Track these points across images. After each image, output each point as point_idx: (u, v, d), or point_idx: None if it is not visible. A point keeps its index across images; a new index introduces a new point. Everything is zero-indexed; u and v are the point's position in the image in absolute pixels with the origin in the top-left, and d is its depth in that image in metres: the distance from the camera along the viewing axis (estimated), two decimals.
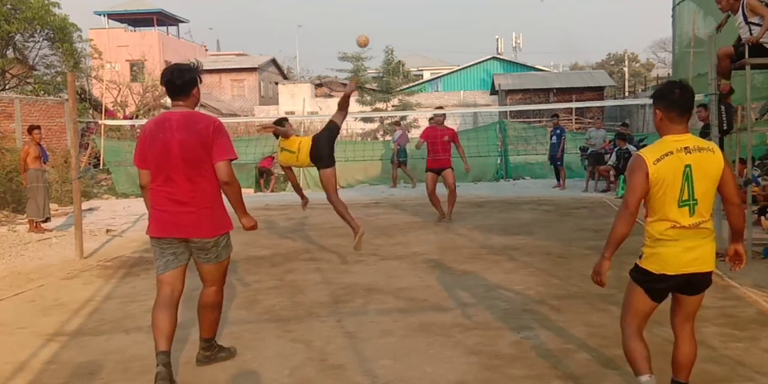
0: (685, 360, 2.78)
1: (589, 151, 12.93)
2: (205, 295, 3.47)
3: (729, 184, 2.68)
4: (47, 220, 9.09)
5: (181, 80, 3.24)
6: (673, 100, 2.64)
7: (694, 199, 2.62)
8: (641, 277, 2.74)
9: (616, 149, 11.88)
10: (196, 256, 3.38)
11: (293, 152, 6.27)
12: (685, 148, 2.60)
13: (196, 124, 3.23)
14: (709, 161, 2.61)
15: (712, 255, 2.68)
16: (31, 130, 9.15)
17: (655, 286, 2.70)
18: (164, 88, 3.28)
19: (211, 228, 3.31)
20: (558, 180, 13.18)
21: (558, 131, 13.04)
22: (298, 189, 6.82)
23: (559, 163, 13.05)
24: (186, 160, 3.20)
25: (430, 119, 9.26)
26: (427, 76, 39.91)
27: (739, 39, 5.83)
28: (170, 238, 3.27)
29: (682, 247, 2.65)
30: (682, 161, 2.59)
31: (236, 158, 3.33)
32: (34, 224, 8.87)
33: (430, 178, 8.62)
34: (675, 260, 2.65)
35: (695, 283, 2.72)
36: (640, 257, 2.76)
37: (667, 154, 2.60)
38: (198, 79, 3.33)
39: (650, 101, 2.79)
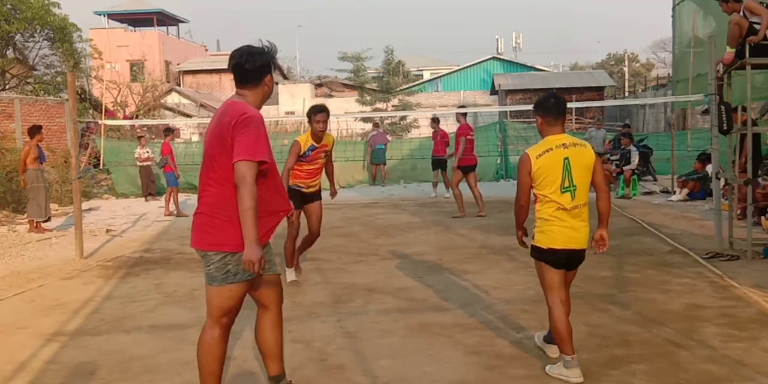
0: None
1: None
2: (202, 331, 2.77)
3: (599, 174, 3.26)
4: (48, 219, 9.10)
5: (252, 65, 2.67)
6: (548, 108, 3.28)
7: (574, 185, 3.18)
8: (538, 253, 3.29)
9: (621, 148, 11.89)
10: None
11: None
12: (563, 144, 3.20)
13: (226, 116, 2.65)
14: (583, 154, 3.20)
15: (586, 236, 3.27)
16: (34, 130, 9.12)
17: (551, 258, 3.24)
18: (232, 74, 2.73)
19: (201, 238, 2.68)
20: None
21: None
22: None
23: None
24: (207, 156, 2.72)
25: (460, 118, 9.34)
26: (427, 76, 39.91)
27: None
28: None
29: (564, 226, 3.21)
30: (561, 155, 3.17)
31: (258, 160, 2.55)
32: (35, 224, 8.87)
33: (460, 175, 8.96)
34: (560, 236, 3.21)
35: (573, 259, 3.28)
36: (533, 238, 3.30)
37: (547, 151, 3.19)
38: (272, 66, 2.74)
39: (651, 101, 3.03)
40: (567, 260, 3.24)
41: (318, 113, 5.02)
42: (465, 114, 9.27)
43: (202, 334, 2.75)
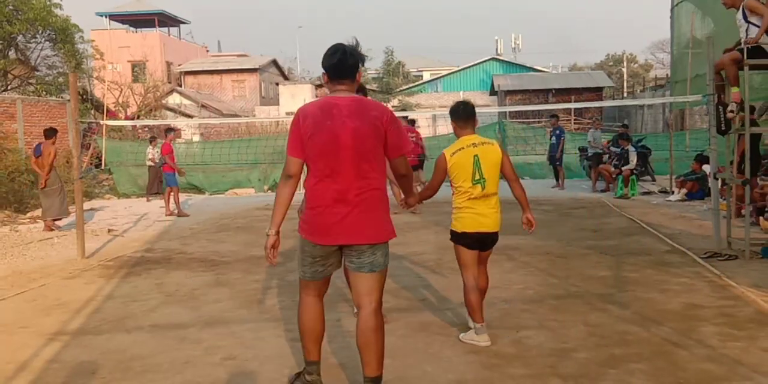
0: (482, 288, 3.97)
1: (591, 152, 12.94)
2: (363, 317, 2.91)
3: (507, 167, 3.78)
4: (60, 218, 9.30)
5: (353, 60, 2.82)
6: (458, 113, 3.80)
7: (483, 178, 3.69)
8: (454, 237, 3.81)
9: (619, 149, 11.91)
10: (349, 263, 2.91)
11: None
12: (473, 144, 3.72)
13: (369, 111, 2.81)
14: (490, 151, 3.73)
15: (496, 221, 3.78)
16: (52, 132, 9.33)
17: (464, 241, 3.77)
18: (325, 71, 2.87)
19: (381, 231, 2.87)
20: (557, 180, 13.20)
21: (557, 132, 13.06)
22: None
23: (558, 163, 13.07)
24: (360, 152, 2.76)
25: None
26: (426, 76, 39.95)
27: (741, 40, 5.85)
28: (333, 245, 2.85)
29: (475, 212, 3.73)
30: (472, 153, 3.69)
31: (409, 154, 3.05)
32: (52, 222, 8.98)
33: None
34: (472, 222, 3.73)
35: (485, 241, 3.83)
36: (451, 223, 3.80)
37: (460, 149, 3.71)
38: (362, 62, 2.93)
39: (649, 102, 3.18)
40: (479, 242, 3.79)
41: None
42: (406, 117, 10.18)
43: (372, 319, 2.91)
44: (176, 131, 15.63)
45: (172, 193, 10.55)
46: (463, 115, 3.79)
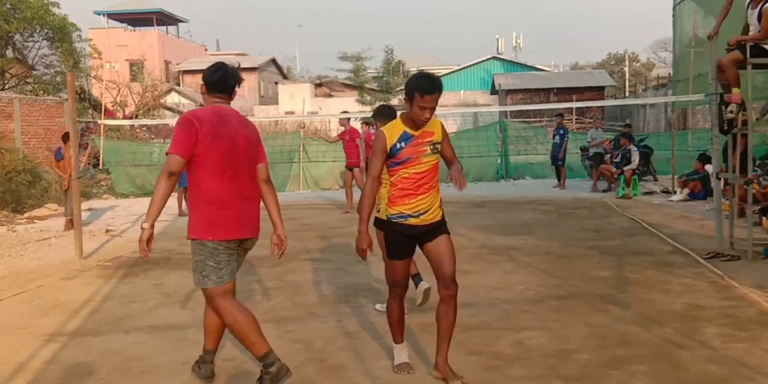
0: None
1: (592, 152, 12.91)
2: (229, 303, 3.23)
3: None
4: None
5: (234, 81, 3.23)
6: (385, 114, 4.26)
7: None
8: (380, 224, 3.62)
9: (621, 148, 11.89)
10: (239, 258, 3.24)
11: None
12: None
13: (249, 123, 3.29)
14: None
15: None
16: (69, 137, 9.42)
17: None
18: (206, 83, 3.23)
19: (257, 226, 3.23)
20: (558, 180, 13.17)
21: (561, 131, 13.03)
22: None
23: (560, 163, 13.05)
24: (249, 157, 3.16)
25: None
26: None
27: (746, 29, 5.82)
28: (241, 239, 3.14)
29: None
30: None
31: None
32: (71, 221, 8.96)
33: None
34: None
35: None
36: (378, 211, 3.61)
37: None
38: (238, 85, 3.35)
39: (651, 101, 3.17)
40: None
41: (429, 94, 3.04)
42: (349, 119, 10.48)
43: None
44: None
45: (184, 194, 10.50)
46: (389, 114, 4.24)
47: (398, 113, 4.01)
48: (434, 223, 3.28)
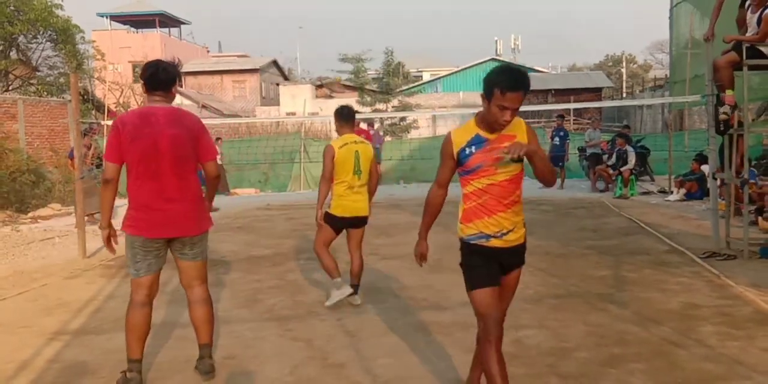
0: (356, 269, 4.72)
1: (589, 152, 12.93)
2: (197, 294, 3.36)
3: (373, 162, 4.64)
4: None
5: (166, 76, 3.17)
6: (342, 115, 4.60)
7: (360, 170, 4.53)
8: (330, 219, 4.59)
9: (616, 149, 11.92)
10: (180, 255, 3.29)
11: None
12: (354, 141, 4.56)
13: (184, 119, 3.21)
14: (367, 149, 4.59)
15: (365, 205, 4.61)
16: (86, 133, 10.67)
17: (336, 224, 4.61)
18: (143, 81, 3.21)
19: (199, 223, 3.26)
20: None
21: (561, 133, 13.04)
22: None
23: (561, 164, 13.09)
24: (177, 156, 3.13)
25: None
26: (426, 77, 39.93)
27: (743, 28, 5.87)
28: (160, 238, 3.19)
29: (352, 200, 4.55)
30: (353, 149, 4.52)
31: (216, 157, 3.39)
32: (93, 216, 9.58)
33: None
34: (349, 207, 4.55)
35: (358, 222, 4.65)
36: (329, 207, 4.56)
37: (346, 144, 4.52)
38: (179, 77, 3.32)
39: (649, 102, 3.14)
40: (353, 222, 4.61)
41: (513, 91, 2.54)
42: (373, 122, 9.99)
43: (207, 292, 3.41)
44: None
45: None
46: (345, 117, 4.59)
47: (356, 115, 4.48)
48: (518, 245, 2.84)
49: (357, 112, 4.94)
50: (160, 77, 3.16)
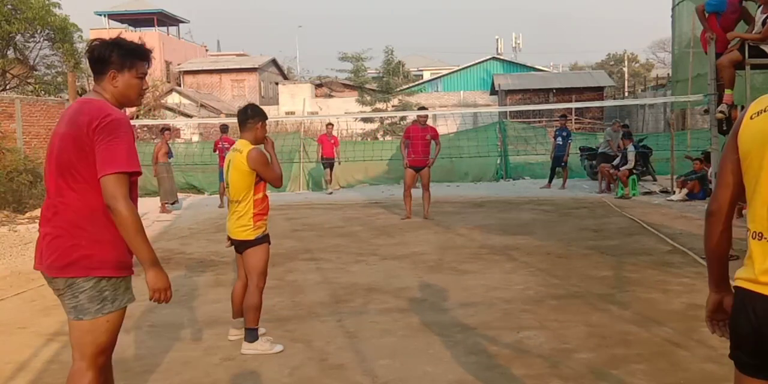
0: (240, 301, 3.86)
1: (603, 150, 12.86)
2: (70, 374, 2.26)
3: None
4: (175, 202, 10.97)
5: (91, 55, 2.31)
6: (237, 116, 3.91)
7: (228, 183, 3.79)
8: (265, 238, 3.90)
9: (623, 149, 11.88)
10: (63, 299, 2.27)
11: None
12: (234, 148, 3.81)
13: (81, 115, 2.21)
14: (237, 158, 3.72)
15: (232, 227, 3.76)
16: (163, 130, 11.33)
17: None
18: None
19: (67, 263, 2.19)
20: (550, 181, 13.19)
21: (564, 133, 13.02)
22: None
23: (563, 164, 13.08)
24: (60, 163, 2.23)
25: (415, 120, 9.57)
26: (427, 76, 39.91)
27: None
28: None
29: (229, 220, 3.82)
30: (230, 157, 3.83)
31: (131, 171, 2.17)
32: (163, 206, 10.50)
33: (409, 175, 9.06)
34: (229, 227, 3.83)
35: (238, 246, 3.86)
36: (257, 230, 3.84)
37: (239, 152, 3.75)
38: (113, 60, 2.28)
39: (651, 101, 3.00)
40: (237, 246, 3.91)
41: None
42: (420, 117, 9.31)
43: (74, 379, 2.22)
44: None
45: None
46: (240, 117, 3.90)
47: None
48: None
49: (359, 112, 4.66)
50: (90, 57, 2.32)
